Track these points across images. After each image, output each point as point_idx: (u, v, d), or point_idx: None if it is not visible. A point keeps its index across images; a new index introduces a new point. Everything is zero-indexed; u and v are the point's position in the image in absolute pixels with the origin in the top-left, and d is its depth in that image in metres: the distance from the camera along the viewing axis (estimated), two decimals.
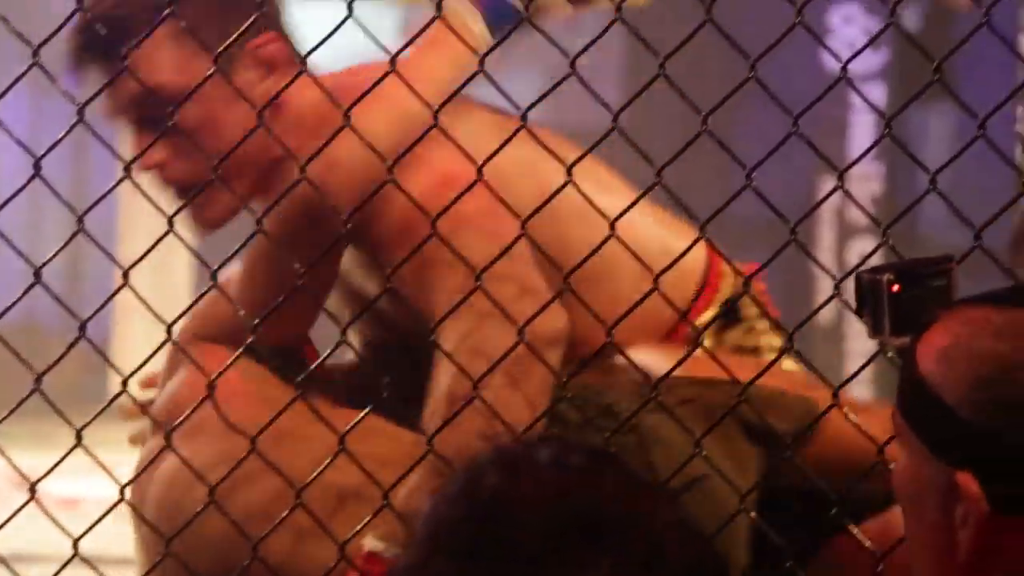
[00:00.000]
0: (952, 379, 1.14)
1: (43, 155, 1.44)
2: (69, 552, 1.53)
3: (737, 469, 1.58)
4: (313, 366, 1.59)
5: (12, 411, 1.44)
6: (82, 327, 1.47)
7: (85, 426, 1.49)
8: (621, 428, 1.58)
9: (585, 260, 1.51)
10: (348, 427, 1.55)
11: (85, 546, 1.54)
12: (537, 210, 1.52)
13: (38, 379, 1.43)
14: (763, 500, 1.60)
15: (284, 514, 1.57)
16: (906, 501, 1.21)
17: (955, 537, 1.14)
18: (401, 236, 1.54)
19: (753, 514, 1.56)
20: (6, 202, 1.45)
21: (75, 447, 1.48)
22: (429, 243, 1.49)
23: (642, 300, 1.53)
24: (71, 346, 1.47)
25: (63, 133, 1.45)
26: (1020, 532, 1.11)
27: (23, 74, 1.47)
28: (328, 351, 1.59)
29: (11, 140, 1.50)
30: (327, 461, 1.55)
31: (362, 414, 1.57)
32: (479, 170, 1.45)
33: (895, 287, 1.33)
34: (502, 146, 1.47)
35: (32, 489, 1.48)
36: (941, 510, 1.15)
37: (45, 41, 1.44)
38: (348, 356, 1.73)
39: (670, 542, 0.93)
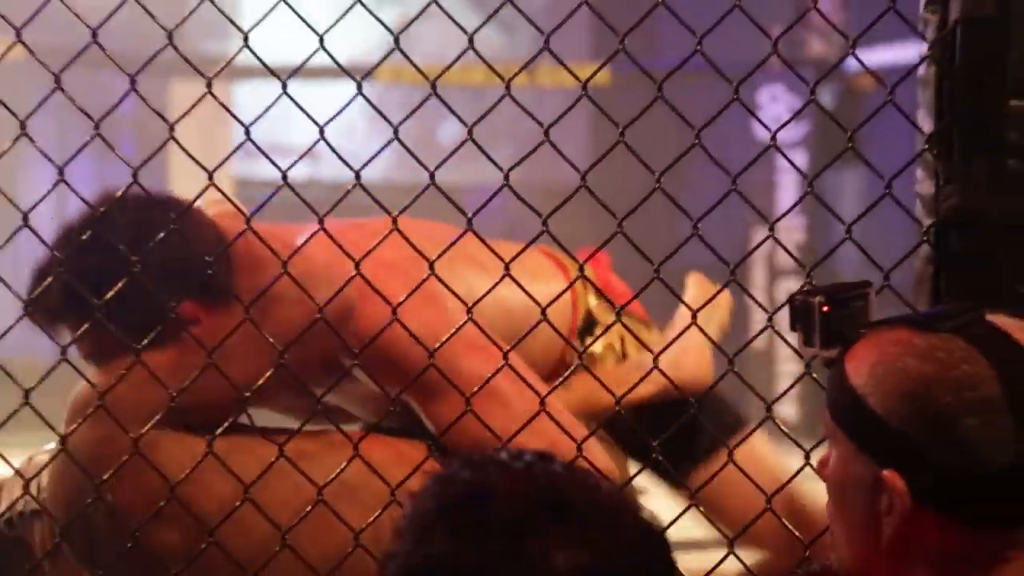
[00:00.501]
0: (881, 392, 1.13)
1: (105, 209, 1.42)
2: None
3: None
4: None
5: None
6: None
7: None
8: None
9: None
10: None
11: None
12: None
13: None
14: None
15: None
16: (835, 492, 1.19)
17: (879, 526, 1.12)
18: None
19: None
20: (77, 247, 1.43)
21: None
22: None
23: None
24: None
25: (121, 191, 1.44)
26: (936, 522, 1.10)
27: (85, 144, 1.43)
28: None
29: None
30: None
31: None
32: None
33: (824, 307, 1.28)
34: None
35: None
36: (867, 501, 1.14)
37: (104, 116, 1.41)
38: None
39: (617, 510, 0.92)
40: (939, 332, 1.13)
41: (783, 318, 1.26)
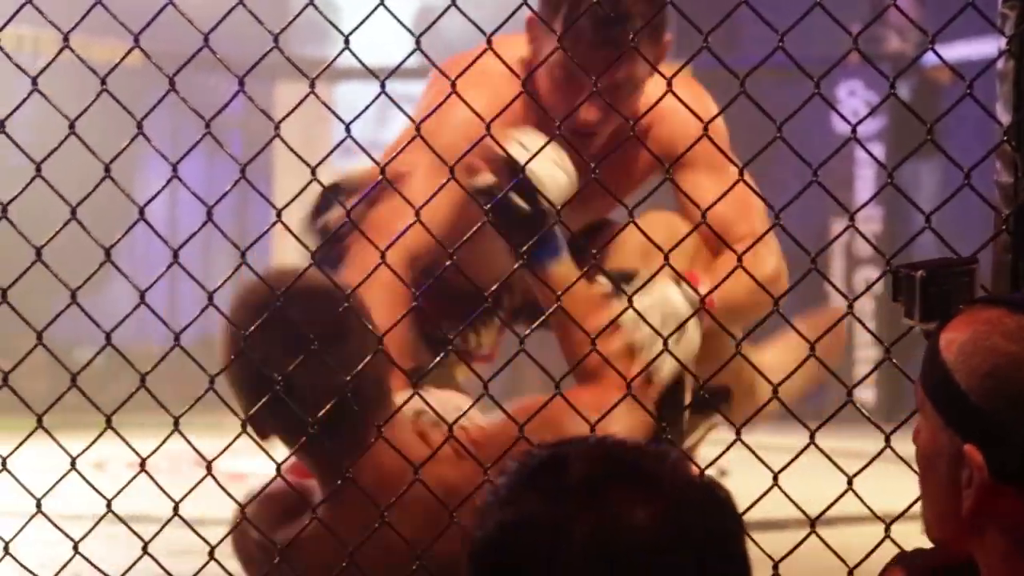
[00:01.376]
0: (968, 369, 1.14)
1: (214, 204, 1.46)
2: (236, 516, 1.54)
3: None
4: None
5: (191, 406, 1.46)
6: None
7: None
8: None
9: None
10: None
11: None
12: None
13: (212, 379, 1.44)
14: None
15: None
16: (923, 460, 1.20)
17: (959, 496, 1.13)
18: None
19: None
20: (184, 243, 1.48)
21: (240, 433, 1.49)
22: None
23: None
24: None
25: (230, 187, 1.48)
26: (1012, 498, 1.11)
27: (196, 143, 1.49)
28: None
29: (190, 193, 1.51)
30: None
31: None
32: None
33: (924, 276, 1.32)
34: None
35: (208, 466, 1.50)
36: (950, 472, 1.15)
37: (214, 116, 1.45)
38: None
39: (683, 473, 0.96)
40: None
41: (863, 303, 1.28)
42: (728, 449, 1.44)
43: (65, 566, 1.56)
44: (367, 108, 1.42)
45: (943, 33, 1.49)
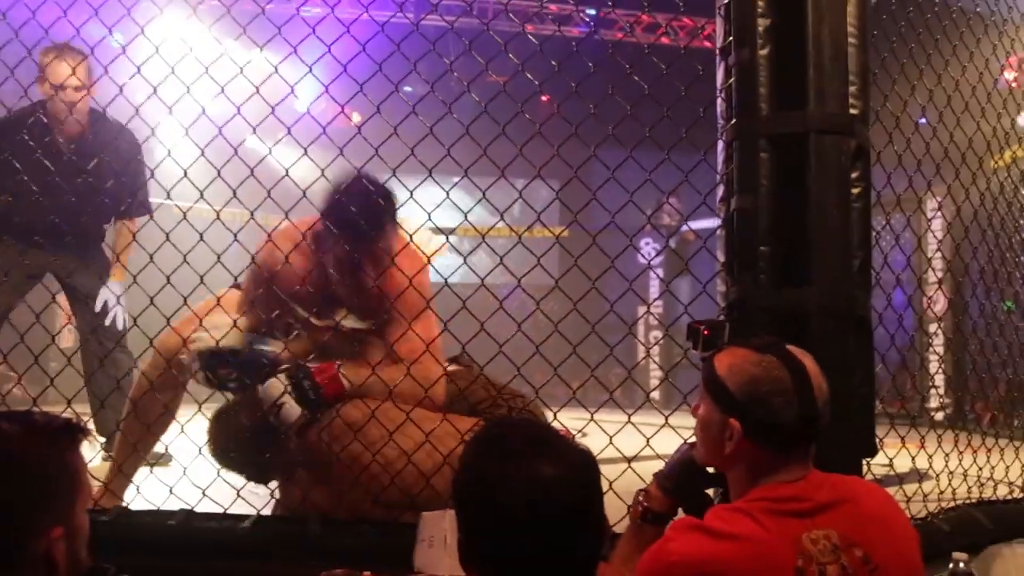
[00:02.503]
0: (733, 378, 1.57)
1: None
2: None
3: None
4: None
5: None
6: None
7: None
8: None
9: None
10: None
11: None
12: None
13: None
14: None
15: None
16: (701, 424, 1.65)
17: (723, 444, 1.58)
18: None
19: None
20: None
21: None
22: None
23: None
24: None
25: None
26: (750, 445, 1.56)
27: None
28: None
29: None
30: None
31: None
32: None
33: (706, 331, 1.90)
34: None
35: None
36: (718, 432, 1.59)
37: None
38: None
39: (571, 446, 1.26)
40: (763, 351, 1.58)
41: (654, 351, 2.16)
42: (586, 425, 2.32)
43: None
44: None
45: (692, 215, 2.49)
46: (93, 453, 2.77)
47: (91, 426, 3.46)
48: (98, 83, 3.51)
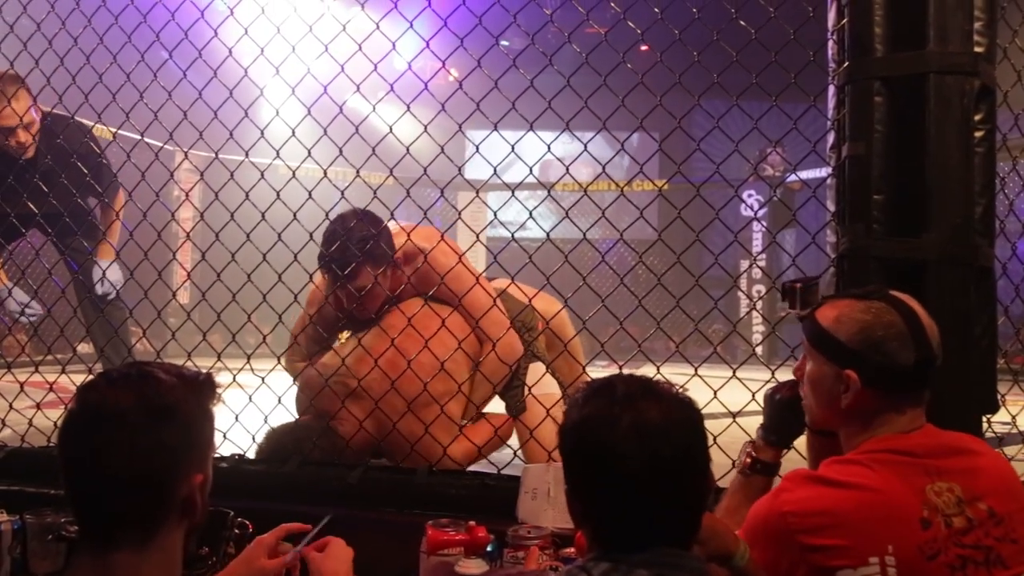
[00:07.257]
0: (843, 329, 1.50)
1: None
2: None
3: None
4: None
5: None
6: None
7: None
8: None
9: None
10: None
11: None
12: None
13: None
14: None
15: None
16: (811, 381, 1.56)
17: (838, 399, 1.50)
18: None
19: None
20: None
21: None
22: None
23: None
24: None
25: None
26: (870, 395, 1.48)
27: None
28: None
29: None
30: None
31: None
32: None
33: (801, 288, 1.74)
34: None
35: None
36: (831, 387, 1.51)
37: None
38: None
39: (674, 395, 1.26)
40: (867, 299, 1.52)
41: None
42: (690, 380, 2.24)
43: None
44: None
45: (800, 164, 2.35)
46: None
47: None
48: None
